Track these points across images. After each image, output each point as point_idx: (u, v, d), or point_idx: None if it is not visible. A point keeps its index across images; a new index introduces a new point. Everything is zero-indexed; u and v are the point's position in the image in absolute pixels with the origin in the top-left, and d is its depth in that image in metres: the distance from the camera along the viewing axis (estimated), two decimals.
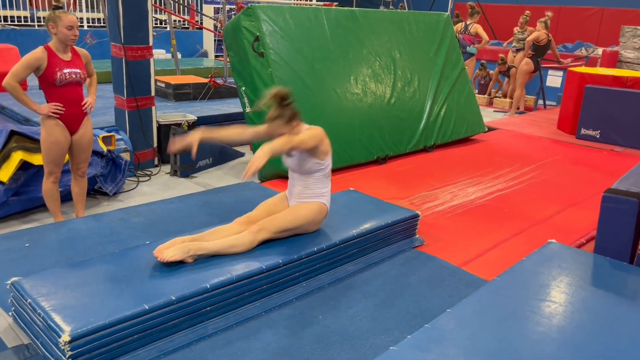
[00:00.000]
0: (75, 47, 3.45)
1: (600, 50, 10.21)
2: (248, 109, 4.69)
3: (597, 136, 6.50)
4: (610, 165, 5.50)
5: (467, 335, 2.09)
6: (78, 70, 3.38)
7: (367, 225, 3.11)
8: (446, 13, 6.47)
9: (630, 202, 2.83)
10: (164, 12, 10.14)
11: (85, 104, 3.47)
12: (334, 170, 3.33)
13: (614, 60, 9.02)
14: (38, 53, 3.27)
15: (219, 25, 10.47)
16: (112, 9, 4.59)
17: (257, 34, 4.56)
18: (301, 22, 4.92)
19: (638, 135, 6.15)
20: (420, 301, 2.71)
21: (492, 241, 3.52)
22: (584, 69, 7.58)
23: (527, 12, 9.18)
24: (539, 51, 8.44)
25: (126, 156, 4.63)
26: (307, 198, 2.87)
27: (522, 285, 2.52)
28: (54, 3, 3.41)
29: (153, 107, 5.01)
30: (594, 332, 2.15)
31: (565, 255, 2.87)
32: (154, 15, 11.82)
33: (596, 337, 2.12)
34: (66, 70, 3.32)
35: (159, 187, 4.61)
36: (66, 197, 3.85)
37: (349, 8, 5.64)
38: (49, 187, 3.50)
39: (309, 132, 2.76)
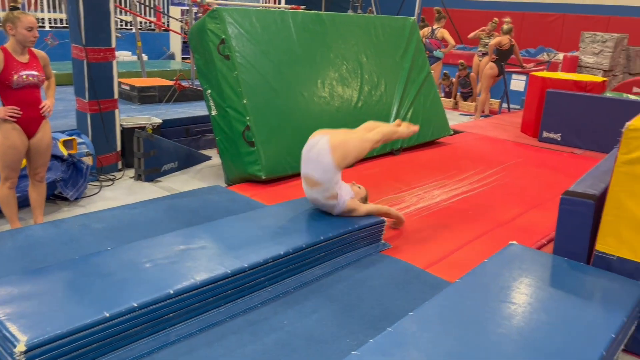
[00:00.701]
0: (32, 48, 3.37)
1: (561, 56, 10.49)
2: (214, 112, 4.64)
3: (559, 139, 6.67)
4: (570, 167, 5.64)
5: (429, 338, 2.11)
6: (35, 73, 3.30)
7: (333, 230, 3.12)
8: (412, 17, 6.54)
9: (587, 204, 2.91)
10: (129, 13, 9.96)
11: (43, 107, 3.38)
12: (300, 175, 3.34)
13: (574, 65, 9.28)
14: None
15: (185, 27, 10.37)
16: (73, 9, 4.49)
17: (223, 36, 4.52)
18: (267, 25, 4.90)
19: (597, 138, 6.33)
20: (385, 304, 2.73)
21: (457, 243, 3.57)
22: (545, 74, 7.78)
23: (495, 19, 9.39)
24: (502, 56, 8.64)
25: (88, 160, 4.53)
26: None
27: (483, 287, 2.56)
28: (11, 3, 3.31)
29: (116, 110, 4.92)
30: (551, 332, 2.20)
31: (525, 257, 2.94)
32: (119, 16, 11.65)
33: (553, 337, 2.17)
34: (23, 73, 3.23)
35: (122, 192, 4.53)
36: (24, 202, 3.75)
37: (316, 12, 5.65)
38: (5, 193, 3.40)
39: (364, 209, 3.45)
